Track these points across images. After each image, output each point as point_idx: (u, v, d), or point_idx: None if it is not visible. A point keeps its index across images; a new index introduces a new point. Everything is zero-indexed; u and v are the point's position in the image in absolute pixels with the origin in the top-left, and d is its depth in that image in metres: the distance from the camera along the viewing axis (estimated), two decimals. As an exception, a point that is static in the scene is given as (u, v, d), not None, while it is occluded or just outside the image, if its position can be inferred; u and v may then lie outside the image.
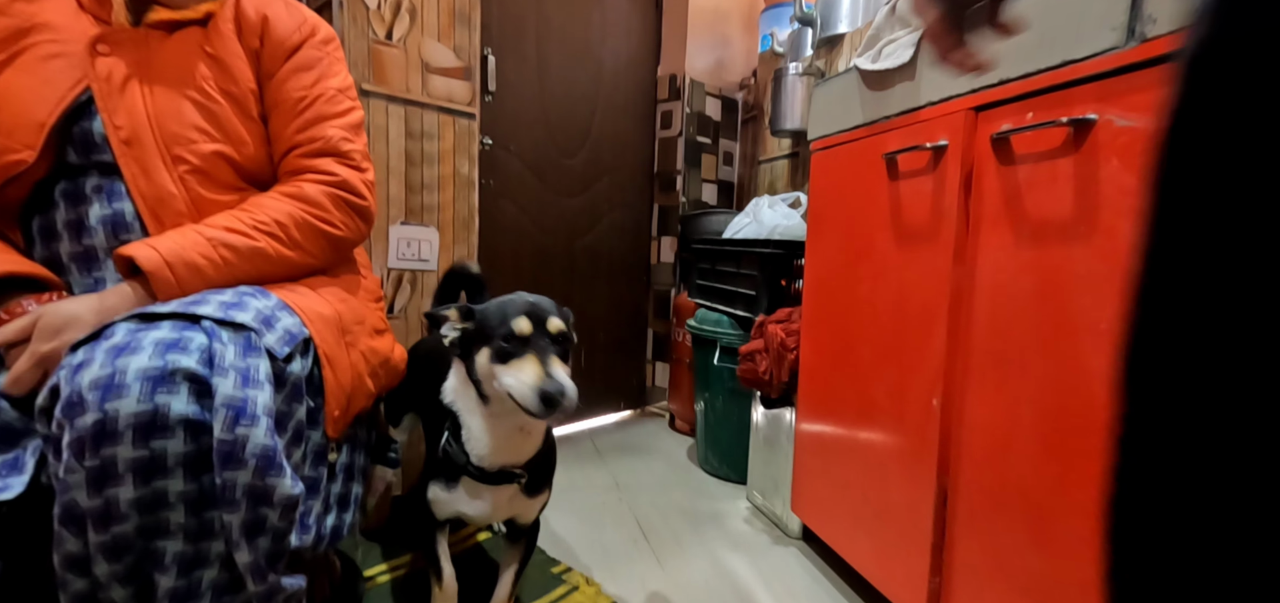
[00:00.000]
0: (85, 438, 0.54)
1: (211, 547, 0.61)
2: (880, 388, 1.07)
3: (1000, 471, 0.84)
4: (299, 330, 0.73)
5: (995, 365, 0.84)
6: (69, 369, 0.56)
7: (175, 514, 0.58)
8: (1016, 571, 0.82)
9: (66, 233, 0.77)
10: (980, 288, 0.86)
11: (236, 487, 0.59)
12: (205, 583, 0.61)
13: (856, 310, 1.14)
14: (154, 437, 0.56)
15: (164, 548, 0.59)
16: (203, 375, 0.58)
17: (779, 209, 1.76)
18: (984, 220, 0.85)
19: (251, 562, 0.61)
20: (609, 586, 1.20)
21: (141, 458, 0.55)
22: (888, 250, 1.04)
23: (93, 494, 0.54)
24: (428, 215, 1.62)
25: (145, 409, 0.55)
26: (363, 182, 0.91)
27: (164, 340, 0.58)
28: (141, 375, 0.55)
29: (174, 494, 0.58)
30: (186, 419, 0.57)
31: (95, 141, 0.76)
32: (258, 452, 0.59)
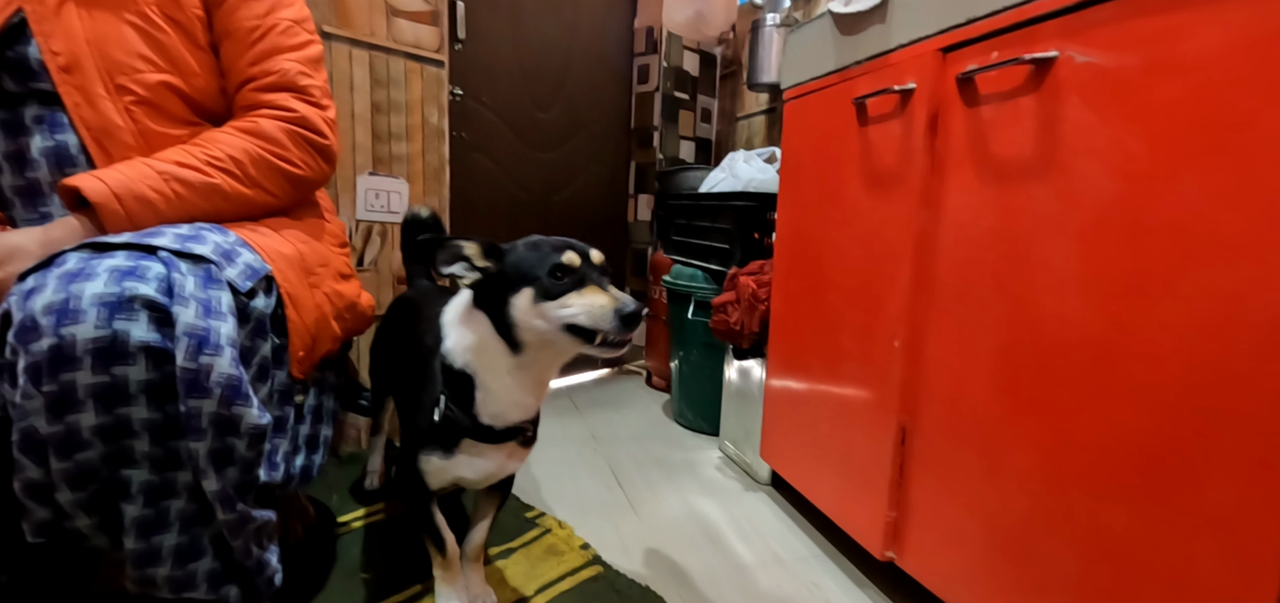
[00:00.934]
0: (41, 363, 0.52)
1: (179, 477, 0.61)
2: (846, 333, 1.09)
3: (956, 407, 0.86)
4: (260, 266, 0.71)
5: (955, 305, 0.86)
6: (20, 295, 0.54)
7: (140, 443, 0.58)
8: (968, 502, 0.85)
9: (7, 165, 0.74)
10: (943, 230, 0.87)
11: (202, 416, 0.58)
12: (173, 513, 0.61)
13: (825, 258, 1.15)
14: (114, 363, 0.55)
15: (130, 477, 0.58)
16: (162, 303, 0.57)
17: (754, 163, 1.75)
18: (949, 163, 0.86)
19: (220, 490, 0.61)
20: (582, 530, 1.22)
21: (102, 384, 0.54)
22: (856, 197, 1.05)
23: (52, 421, 0.53)
24: (396, 166, 1.58)
25: (103, 335, 0.54)
26: (323, 119, 0.88)
27: (119, 268, 0.57)
28: (98, 301, 0.54)
29: (138, 422, 0.57)
30: (147, 346, 0.56)
31: (32, 68, 0.73)
32: (222, 381, 0.59)
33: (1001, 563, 0.80)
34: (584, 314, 0.73)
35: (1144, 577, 0.64)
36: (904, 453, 0.96)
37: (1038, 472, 0.75)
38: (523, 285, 0.74)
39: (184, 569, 0.63)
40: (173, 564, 0.62)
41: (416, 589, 0.99)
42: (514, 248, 0.78)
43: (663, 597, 1.01)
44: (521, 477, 1.44)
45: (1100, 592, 0.69)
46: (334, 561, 1.06)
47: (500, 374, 0.79)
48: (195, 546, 0.63)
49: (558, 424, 1.86)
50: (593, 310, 0.73)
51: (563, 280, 0.74)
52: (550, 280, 0.74)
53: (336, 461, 1.48)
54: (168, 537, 0.61)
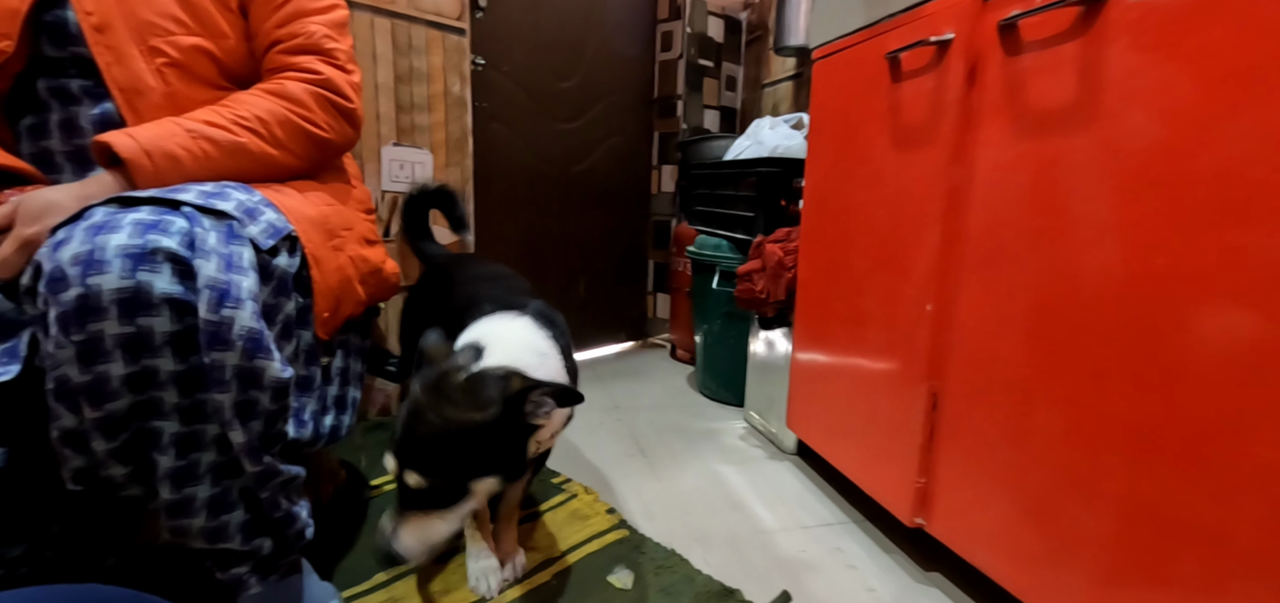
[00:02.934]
0: (70, 313, 0.54)
1: (207, 429, 0.62)
2: (873, 298, 1.07)
3: (988, 370, 0.84)
4: (283, 225, 0.72)
5: (986, 264, 0.83)
6: (50, 247, 0.56)
7: (168, 394, 0.59)
8: (999, 466, 0.83)
9: (58, 132, 0.76)
10: (976, 186, 0.84)
11: (225, 368, 0.59)
12: (203, 464, 0.63)
13: (852, 222, 1.12)
14: (139, 314, 0.56)
15: (161, 429, 0.60)
16: (184, 256, 0.58)
17: (780, 129, 1.71)
18: (984, 115, 0.83)
19: (245, 442, 0.63)
20: (606, 496, 1.23)
21: (128, 334, 0.56)
22: (885, 156, 1.02)
23: (83, 370, 0.55)
24: (419, 136, 1.59)
25: (127, 285, 0.55)
26: (348, 83, 0.89)
27: (143, 221, 0.58)
28: (121, 252, 0.55)
29: (165, 373, 0.58)
30: (170, 298, 0.57)
31: (70, 32, 0.74)
32: (244, 334, 0.60)
33: (1033, 526, 0.79)
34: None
35: (1181, 538, 0.62)
36: (934, 418, 0.94)
37: (1072, 432, 0.73)
38: None
39: (217, 520, 0.65)
40: (206, 515, 0.64)
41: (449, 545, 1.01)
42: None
43: (687, 558, 1.02)
44: (546, 444, 1.45)
45: (1134, 554, 0.67)
46: (364, 521, 1.09)
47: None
48: (226, 497, 0.65)
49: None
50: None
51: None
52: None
53: (365, 425, 1.52)
54: (200, 488, 0.63)
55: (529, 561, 0.99)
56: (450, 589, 0.92)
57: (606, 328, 2.45)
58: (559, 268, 2.25)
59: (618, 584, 0.95)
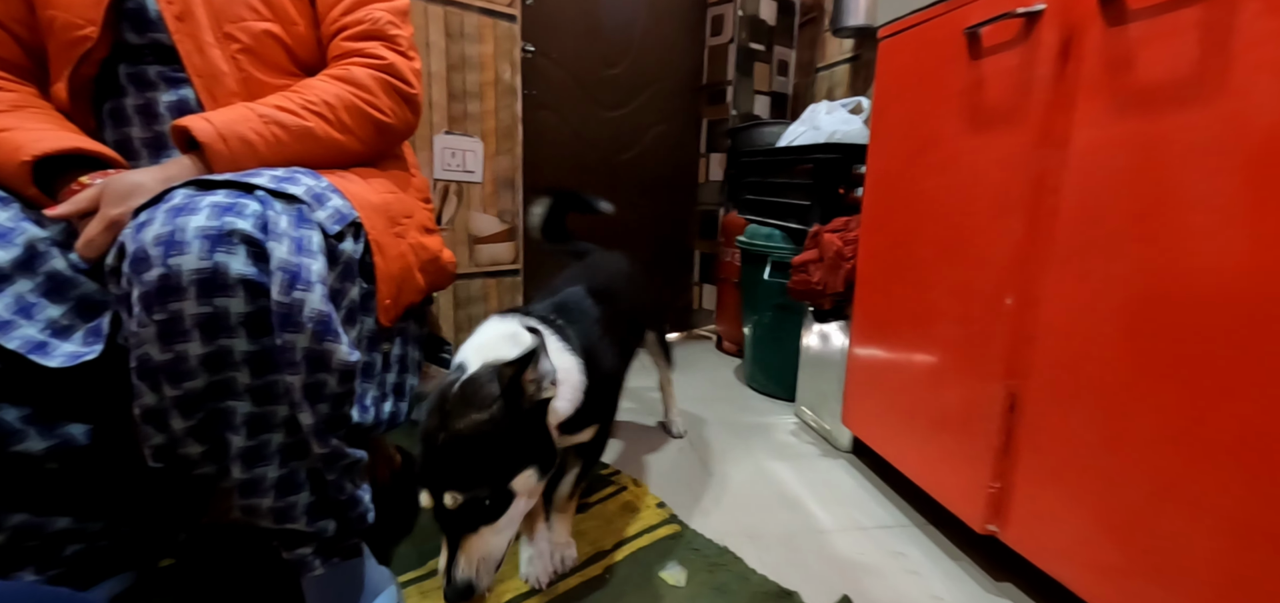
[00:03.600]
0: (152, 292, 0.55)
1: (277, 411, 0.63)
2: (942, 290, 1.00)
3: (1075, 369, 0.78)
4: (348, 211, 0.72)
5: (1078, 255, 0.76)
6: (133, 228, 0.57)
7: (241, 375, 0.60)
8: (1085, 472, 0.77)
9: (137, 118, 0.78)
10: (1068, 170, 0.77)
11: (296, 350, 0.60)
12: (273, 445, 0.64)
13: (921, 210, 1.06)
14: (216, 294, 0.57)
15: (234, 408, 0.61)
16: (258, 238, 0.59)
17: (838, 114, 1.65)
18: (1079, 93, 0.76)
19: (313, 424, 0.63)
20: (656, 489, 1.21)
21: (205, 314, 0.57)
22: (960, 139, 0.95)
23: (164, 348, 0.56)
24: (470, 124, 1.59)
25: (205, 266, 0.56)
26: (411, 69, 0.90)
27: (220, 203, 0.59)
28: (200, 234, 0.56)
29: (238, 354, 0.59)
30: (245, 279, 0.58)
31: (150, 18, 0.76)
32: (314, 316, 0.60)
33: (1125, 539, 0.72)
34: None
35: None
36: (1012, 420, 0.88)
37: (1175, 441, 0.66)
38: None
39: (284, 500, 0.66)
40: (275, 495, 0.65)
41: (497, 536, 1.01)
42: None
43: (740, 557, 0.99)
44: (594, 434, 1.44)
45: (1243, 574, 0.60)
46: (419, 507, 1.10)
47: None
48: (294, 478, 0.66)
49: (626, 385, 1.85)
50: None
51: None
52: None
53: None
54: (270, 469, 0.64)
55: (580, 552, 0.98)
56: (502, 578, 0.92)
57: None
58: (605, 257, 2.24)
59: (670, 580, 0.93)
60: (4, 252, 0.61)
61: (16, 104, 0.72)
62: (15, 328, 0.60)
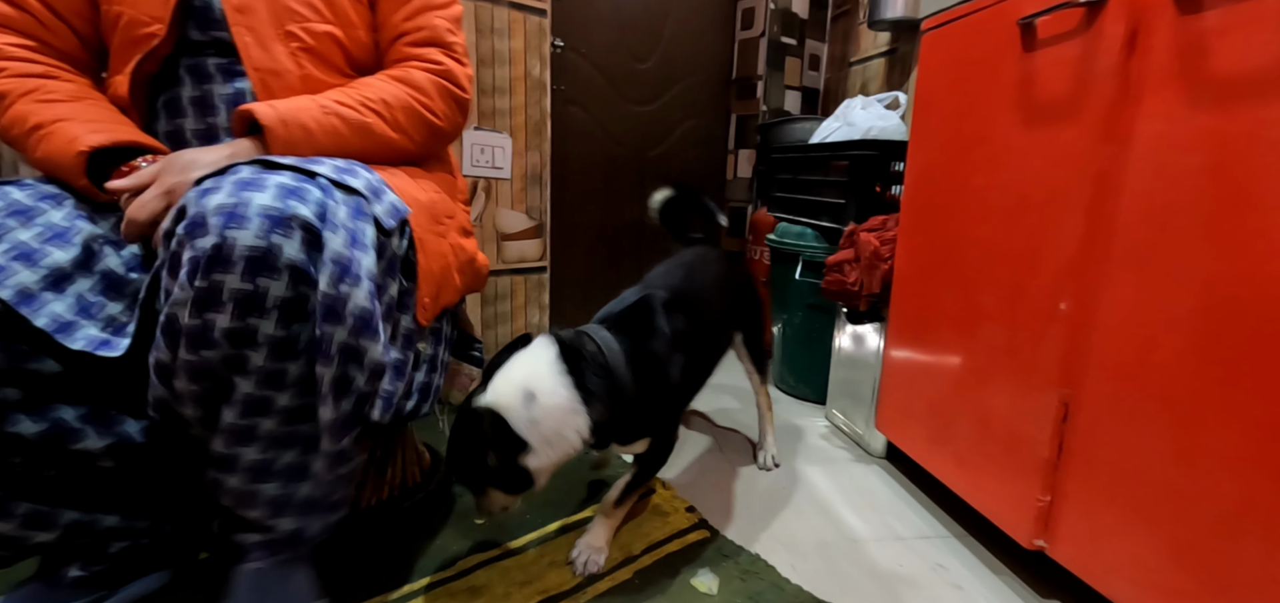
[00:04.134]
0: (201, 259, 0.55)
1: (277, 398, 0.62)
2: (990, 293, 0.96)
3: (1140, 378, 0.73)
4: (402, 208, 0.72)
5: (1143, 258, 0.72)
6: (197, 193, 0.57)
7: (257, 356, 0.59)
8: (1149, 487, 0.72)
9: (191, 109, 0.78)
10: (1132, 168, 0.73)
11: (333, 342, 0.59)
12: (261, 430, 0.63)
13: (966, 209, 1.01)
14: (261, 274, 0.56)
15: (237, 385, 0.61)
16: (316, 227, 0.59)
17: (874, 109, 1.60)
18: (1146, 86, 0.71)
19: (333, 419, 0.63)
20: (684, 491, 1.19)
21: (245, 292, 0.56)
22: (1009, 136, 0.91)
23: (194, 314, 0.56)
24: (500, 120, 1.58)
25: (260, 245, 0.56)
26: (465, 75, 0.91)
27: (285, 185, 0.59)
28: (263, 212, 0.56)
29: (262, 336, 0.59)
30: (294, 266, 0.58)
31: (214, 16, 0.76)
32: (358, 312, 0.60)
33: (1189, 560, 0.68)
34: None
35: None
36: (1064, 431, 0.84)
37: (1254, 459, 0.62)
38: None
39: (250, 487, 0.65)
40: (244, 478, 0.64)
41: (529, 537, 1.01)
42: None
43: (774, 565, 0.96)
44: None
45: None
46: (449, 505, 1.10)
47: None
48: (268, 467, 0.65)
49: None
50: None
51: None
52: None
53: (449, 409, 1.54)
54: (248, 450, 0.63)
55: (609, 557, 0.97)
56: (531, 580, 0.90)
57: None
58: (633, 256, 2.22)
59: (702, 588, 0.90)
60: (63, 251, 0.61)
61: (74, 95, 0.72)
62: (79, 328, 0.60)
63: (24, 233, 0.59)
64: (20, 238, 0.59)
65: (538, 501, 1.11)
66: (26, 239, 0.59)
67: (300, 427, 0.65)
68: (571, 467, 1.23)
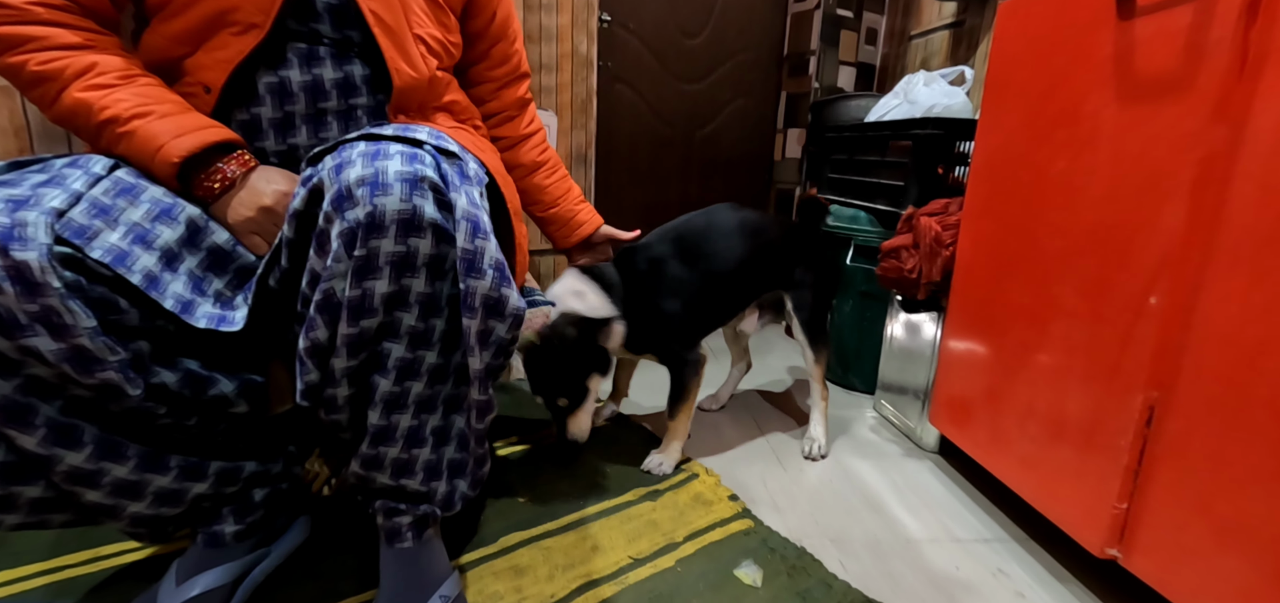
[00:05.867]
0: (357, 229, 0.56)
1: (425, 357, 0.64)
2: (1068, 285, 0.89)
3: (1242, 384, 0.66)
4: (484, 174, 0.72)
5: (1256, 252, 0.65)
6: (330, 170, 0.58)
7: (409, 316, 0.61)
8: (1247, 501, 0.66)
9: (302, 94, 0.74)
10: (1248, 150, 0.65)
11: (476, 295, 0.61)
12: (412, 394, 0.65)
13: (1045, 194, 0.94)
14: (411, 234, 0.58)
15: (389, 351, 0.62)
16: (442, 186, 0.60)
17: (938, 86, 1.51)
18: (1269, 58, 0.63)
19: (481, 369, 0.64)
20: (728, 480, 1.16)
21: (399, 253, 0.58)
22: (1102, 114, 0.83)
23: (355, 284, 0.57)
24: (545, 98, 1.57)
25: (406, 207, 0.57)
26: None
27: (407, 151, 0.60)
28: (400, 177, 0.57)
29: (414, 294, 0.60)
30: (435, 224, 0.59)
31: (350, 14, 0.74)
32: (494, 263, 0.62)
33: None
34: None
35: None
36: (1149, 435, 0.77)
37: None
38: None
39: (408, 453, 0.67)
40: (403, 446, 0.66)
41: (570, 518, 1.00)
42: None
43: (821, 561, 0.93)
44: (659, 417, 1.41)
45: None
46: (494, 481, 1.10)
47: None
48: (420, 432, 0.67)
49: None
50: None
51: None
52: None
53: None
54: (404, 417, 0.65)
55: (650, 543, 0.95)
56: (574, 563, 0.90)
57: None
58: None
59: (747, 580, 0.88)
60: (170, 230, 0.61)
61: (125, 73, 0.65)
62: (197, 306, 0.61)
63: (135, 213, 0.59)
64: (133, 219, 0.59)
65: (580, 486, 1.11)
66: (138, 220, 0.59)
67: (441, 387, 0.67)
68: (611, 457, 1.22)
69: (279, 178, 0.68)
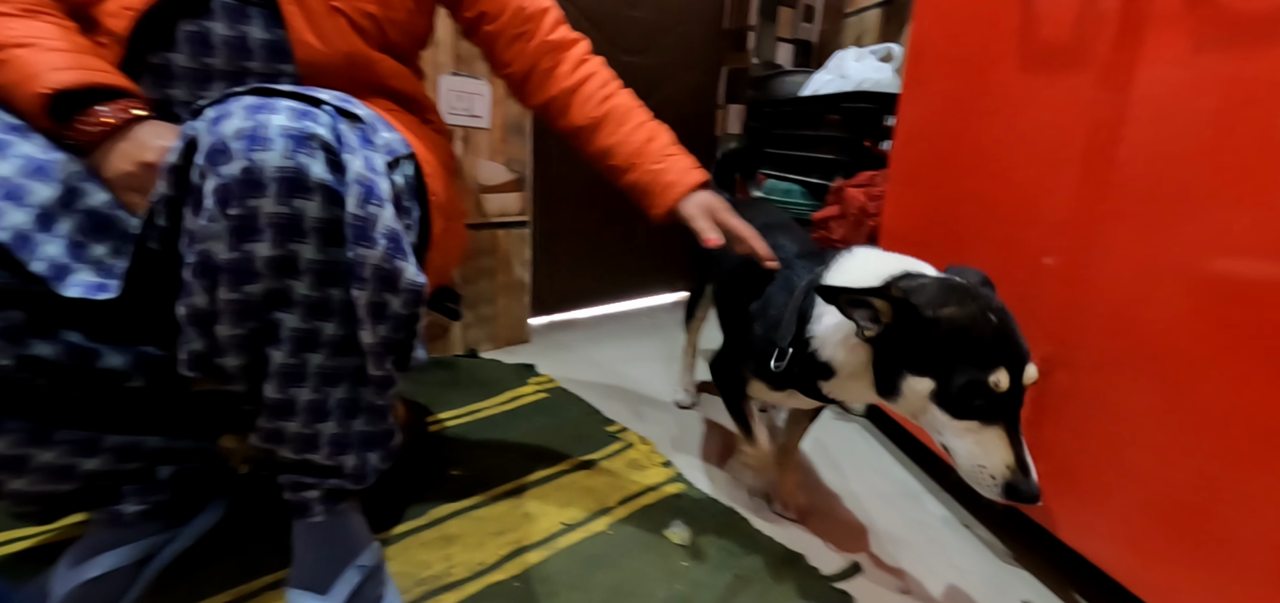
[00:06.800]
0: (232, 185, 0.52)
1: (324, 328, 0.61)
2: (982, 249, 0.94)
3: (1130, 338, 0.72)
4: (400, 146, 0.66)
5: (1139, 207, 0.70)
6: (208, 122, 0.54)
7: (301, 284, 0.57)
8: (1133, 446, 0.71)
9: (224, 49, 0.68)
10: (1132, 114, 0.70)
11: (366, 265, 0.57)
12: (312, 366, 0.61)
13: (959, 163, 0.98)
14: (296, 195, 0.54)
15: (283, 321, 0.58)
16: (335, 147, 0.56)
17: (867, 62, 1.55)
18: (1149, 28, 0.68)
19: (374, 343, 0.61)
20: (663, 447, 1.17)
21: (282, 215, 0.54)
22: (1008, 84, 0.87)
23: (232, 246, 0.53)
24: (479, 65, 1.52)
25: (289, 165, 0.53)
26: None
27: (296, 107, 0.56)
28: (283, 132, 0.53)
29: (304, 261, 0.57)
30: (324, 185, 0.55)
31: None
32: (387, 232, 0.58)
33: (1175, 525, 0.68)
34: (971, 462, 0.61)
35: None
36: (1046, 389, 0.82)
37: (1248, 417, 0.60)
38: (925, 373, 0.62)
39: (311, 428, 0.64)
40: (303, 420, 0.63)
41: (504, 488, 0.99)
42: (935, 319, 0.61)
43: (748, 517, 0.96)
44: (602, 392, 1.41)
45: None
46: (427, 454, 1.08)
47: (862, 391, 0.73)
48: (324, 405, 0.64)
49: (636, 343, 1.82)
50: (978, 464, 0.60)
51: (975, 403, 0.60)
52: (960, 394, 0.59)
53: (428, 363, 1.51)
54: (304, 391, 0.62)
55: (584, 508, 0.96)
56: (505, 531, 0.89)
57: (666, 276, 2.37)
58: (619, 212, 2.17)
59: (675, 539, 0.90)
60: (46, 187, 0.55)
61: (31, 8, 0.60)
62: (72, 272, 0.55)
63: (4, 167, 0.54)
64: (3, 173, 0.53)
65: (517, 459, 1.10)
66: (9, 174, 0.53)
67: (347, 359, 0.63)
68: (549, 430, 1.22)
69: (169, 133, 0.62)
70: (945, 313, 0.61)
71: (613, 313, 2.15)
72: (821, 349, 0.73)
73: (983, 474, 0.60)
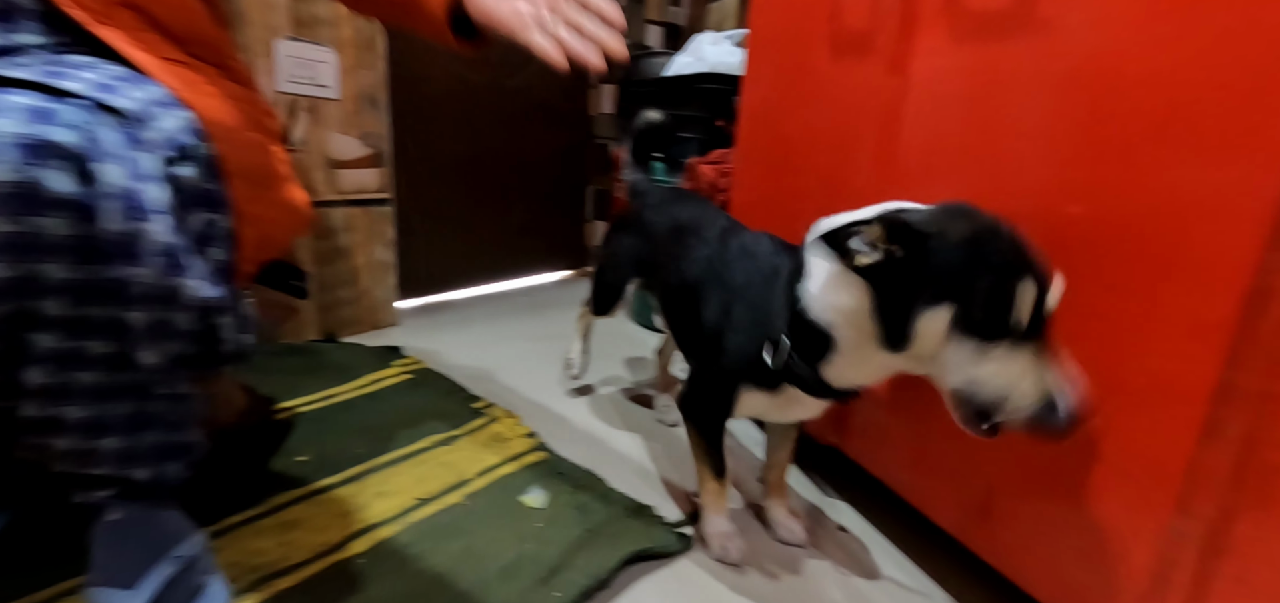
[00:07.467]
0: None
1: (90, 346, 0.54)
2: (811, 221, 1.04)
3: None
4: (182, 137, 0.58)
5: (917, 179, 0.81)
6: None
7: (51, 305, 0.51)
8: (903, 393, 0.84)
9: None
10: (911, 99, 0.81)
11: (134, 286, 0.52)
12: (81, 384, 0.55)
13: (788, 142, 1.08)
14: (30, 213, 0.47)
15: (37, 341, 0.52)
16: (84, 153, 0.49)
17: (723, 46, 1.64)
18: (920, 20, 0.79)
19: (158, 364, 0.56)
20: (529, 420, 1.19)
21: (13, 234, 0.47)
22: (822, 70, 0.97)
23: None
24: (321, 31, 1.42)
25: (14, 179, 0.46)
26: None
27: (33, 107, 0.48)
28: (14, 141, 0.46)
29: (53, 282, 0.50)
30: (73, 201, 0.49)
31: None
32: (156, 249, 0.52)
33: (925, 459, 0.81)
34: (1002, 393, 0.54)
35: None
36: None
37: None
38: (942, 300, 0.56)
39: (88, 444, 0.58)
40: (77, 437, 0.57)
41: (354, 470, 0.96)
42: (942, 236, 0.56)
43: (604, 478, 1.00)
44: (470, 373, 1.40)
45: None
46: (271, 443, 1.02)
47: (868, 354, 0.66)
48: (102, 422, 0.58)
49: (514, 322, 1.81)
50: (1011, 394, 0.53)
51: (1003, 318, 0.53)
52: (986, 309, 0.53)
53: (274, 349, 1.41)
54: (72, 409, 0.56)
55: (442, 482, 0.95)
56: (353, 511, 0.87)
57: (544, 256, 2.37)
58: (495, 191, 2.13)
59: (530, 503, 0.92)
60: None
61: None
62: None
63: None
64: None
65: (371, 439, 1.06)
66: None
67: (127, 375, 0.57)
68: (418, 404, 1.19)
69: None
70: (957, 228, 0.56)
71: (489, 294, 2.12)
72: (817, 309, 0.68)
73: (1021, 401, 0.53)
